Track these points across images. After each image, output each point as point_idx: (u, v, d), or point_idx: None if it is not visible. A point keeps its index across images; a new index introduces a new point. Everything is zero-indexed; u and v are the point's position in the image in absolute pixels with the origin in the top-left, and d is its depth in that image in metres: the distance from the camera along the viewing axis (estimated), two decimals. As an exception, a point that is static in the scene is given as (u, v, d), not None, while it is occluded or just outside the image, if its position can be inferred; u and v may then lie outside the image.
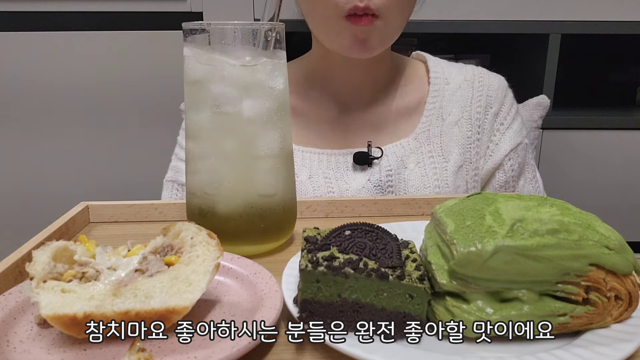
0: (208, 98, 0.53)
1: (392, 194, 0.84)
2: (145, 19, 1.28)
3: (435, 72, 0.91)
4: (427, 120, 0.88)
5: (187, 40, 0.53)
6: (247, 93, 0.53)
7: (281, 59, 0.54)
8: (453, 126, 0.87)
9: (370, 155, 0.84)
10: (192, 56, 0.53)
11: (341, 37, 0.77)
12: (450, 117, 0.87)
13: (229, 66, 0.52)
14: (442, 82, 0.90)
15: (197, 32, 0.52)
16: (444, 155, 0.85)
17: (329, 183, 0.84)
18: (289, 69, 1.00)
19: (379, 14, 0.74)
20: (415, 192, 0.84)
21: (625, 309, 0.39)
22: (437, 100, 0.89)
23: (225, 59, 0.52)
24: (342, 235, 0.42)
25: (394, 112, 0.89)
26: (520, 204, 0.41)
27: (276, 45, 0.53)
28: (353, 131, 0.88)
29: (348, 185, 0.83)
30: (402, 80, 0.91)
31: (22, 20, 1.27)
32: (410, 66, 0.94)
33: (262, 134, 0.54)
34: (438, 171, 0.84)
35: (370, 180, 0.83)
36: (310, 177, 0.84)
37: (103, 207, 0.66)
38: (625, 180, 1.38)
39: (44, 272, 0.39)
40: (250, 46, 0.52)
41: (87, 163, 1.37)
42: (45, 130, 1.35)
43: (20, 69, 1.30)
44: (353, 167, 0.85)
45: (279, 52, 0.53)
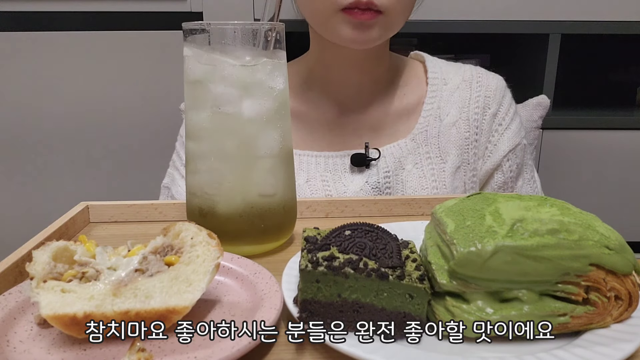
0: (208, 98, 0.53)
1: (390, 195, 0.84)
2: (145, 19, 1.28)
3: (433, 72, 0.91)
4: (425, 121, 0.87)
5: (187, 40, 0.53)
6: (247, 93, 0.53)
7: (281, 59, 0.54)
8: (451, 127, 0.86)
9: (367, 157, 0.84)
10: (192, 56, 0.53)
11: (339, 29, 0.76)
12: (448, 118, 0.87)
13: (229, 66, 0.52)
14: (440, 83, 0.90)
15: (197, 32, 0.52)
16: (442, 157, 0.85)
17: (327, 186, 0.83)
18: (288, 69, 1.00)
19: (382, 9, 0.74)
20: (412, 193, 0.83)
21: (625, 309, 0.39)
22: (435, 101, 0.88)
23: (225, 58, 0.52)
24: (342, 235, 0.42)
25: (392, 113, 0.89)
26: (520, 204, 0.41)
27: (276, 45, 0.53)
28: (351, 133, 0.88)
29: (346, 188, 0.83)
30: (401, 81, 0.91)
31: (22, 20, 1.27)
32: (408, 66, 0.93)
33: (262, 134, 0.54)
34: (436, 172, 0.84)
35: (368, 182, 0.83)
36: (307, 180, 0.84)
37: (103, 207, 0.66)
38: (625, 181, 1.38)
39: (44, 272, 0.39)
40: (251, 46, 0.52)
41: (87, 162, 1.37)
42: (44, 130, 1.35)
43: (20, 69, 1.30)
44: (350, 169, 0.85)
45: (279, 52, 0.53)
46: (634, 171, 1.38)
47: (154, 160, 1.26)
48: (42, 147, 1.36)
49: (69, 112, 1.33)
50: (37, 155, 1.36)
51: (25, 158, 1.36)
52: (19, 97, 1.32)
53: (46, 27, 1.28)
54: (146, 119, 1.32)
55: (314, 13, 0.80)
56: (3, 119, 1.33)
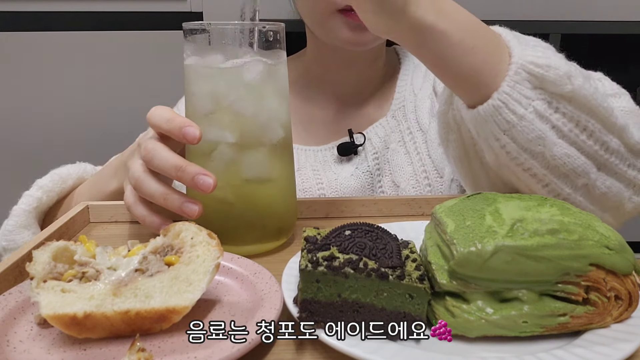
0: (208, 98, 0.53)
1: (380, 176, 0.84)
2: (145, 19, 1.28)
3: (404, 50, 0.93)
4: (401, 96, 0.88)
5: (187, 40, 0.53)
6: (248, 93, 0.53)
7: (281, 57, 0.54)
8: (426, 99, 0.87)
9: (354, 144, 0.84)
10: (192, 56, 0.53)
11: (337, 30, 0.77)
12: (422, 92, 0.88)
13: (229, 66, 0.52)
14: (411, 58, 0.92)
15: (197, 32, 0.52)
16: (422, 129, 0.86)
17: (317, 175, 0.84)
18: None
19: None
20: (399, 171, 0.84)
21: (625, 309, 0.39)
22: (408, 76, 0.90)
23: (225, 58, 0.52)
24: (342, 235, 0.42)
25: (385, 107, 0.90)
26: (520, 204, 0.41)
27: (276, 45, 0.53)
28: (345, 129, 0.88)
29: (337, 175, 0.83)
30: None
31: (22, 20, 1.27)
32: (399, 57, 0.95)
33: (263, 133, 0.54)
34: (419, 146, 0.84)
35: (358, 168, 0.84)
36: (298, 169, 0.84)
37: (103, 207, 0.66)
38: (625, 180, 1.38)
39: (44, 272, 0.39)
40: (250, 46, 0.52)
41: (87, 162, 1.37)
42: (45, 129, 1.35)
43: (20, 69, 1.30)
44: (339, 159, 0.85)
45: (279, 52, 0.53)
46: (634, 171, 1.38)
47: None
48: (42, 147, 1.35)
49: (69, 111, 1.33)
50: (37, 155, 1.36)
51: (25, 157, 1.36)
52: (19, 97, 1.32)
53: (46, 27, 1.28)
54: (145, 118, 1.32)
55: (311, 14, 0.80)
56: (3, 119, 1.33)
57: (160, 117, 0.54)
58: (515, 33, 0.55)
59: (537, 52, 0.50)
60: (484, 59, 0.50)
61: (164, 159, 0.51)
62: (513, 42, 0.51)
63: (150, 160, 0.52)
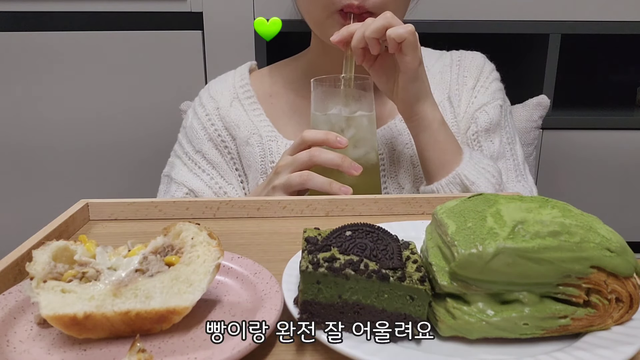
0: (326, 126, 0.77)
1: (385, 177, 0.86)
2: (145, 19, 1.28)
3: None
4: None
5: (315, 89, 0.77)
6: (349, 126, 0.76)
7: (371, 104, 0.78)
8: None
9: None
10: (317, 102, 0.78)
11: (330, 30, 0.78)
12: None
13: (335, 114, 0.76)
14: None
15: (325, 85, 0.75)
16: None
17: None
18: (288, 65, 1.00)
19: (374, 11, 0.76)
20: (405, 172, 0.86)
21: (626, 311, 0.39)
22: None
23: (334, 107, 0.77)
24: (342, 236, 0.41)
25: (389, 105, 0.91)
26: (521, 205, 0.41)
27: (367, 97, 0.76)
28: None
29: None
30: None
31: (22, 20, 1.27)
32: None
33: (358, 150, 0.77)
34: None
35: None
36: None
37: (103, 204, 0.66)
38: (625, 181, 1.38)
39: (44, 272, 0.39)
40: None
41: (87, 162, 1.37)
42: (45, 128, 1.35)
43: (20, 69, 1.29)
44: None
45: (368, 97, 0.77)
46: (634, 171, 1.38)
47: (153, 160, 1.26)
48: (42, 146, 1.35)
49: (69, 111, 1.33)
50: (37, 154, 1.36)
51: (25, 157, 1.36)
52: (19, 97, 1.31)
53: (46, 27, 1.27)
54: (146, 118, 1.32)
55: (312, 14, 0.82)
56: (3, 119, 1.33)
57: (316, 133, 0.73)
58: (474, 154, 0.80)
59: (474, 171, 0.76)
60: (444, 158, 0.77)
61: (329, 155, 0.71)
62: (465, 157, 0.77)
63: (317, 156, 0.71)
